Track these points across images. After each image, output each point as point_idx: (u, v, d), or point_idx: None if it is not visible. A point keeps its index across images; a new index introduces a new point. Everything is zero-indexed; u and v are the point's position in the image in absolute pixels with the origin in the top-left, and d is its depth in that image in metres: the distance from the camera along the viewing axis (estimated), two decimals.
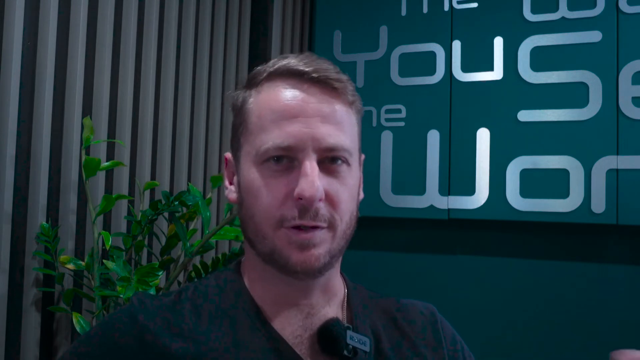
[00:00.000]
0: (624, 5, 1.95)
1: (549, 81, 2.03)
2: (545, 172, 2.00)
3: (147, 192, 1.61)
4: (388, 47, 2.25)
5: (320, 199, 0.59)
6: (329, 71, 0.61)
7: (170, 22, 1.71)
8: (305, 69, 0.61)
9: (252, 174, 0.62)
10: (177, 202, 1.30)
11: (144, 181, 1.57)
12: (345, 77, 0.63)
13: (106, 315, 1.28)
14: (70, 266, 1.25)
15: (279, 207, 0.60)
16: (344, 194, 0.61)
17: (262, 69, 0.64)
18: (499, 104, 2.08)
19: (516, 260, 2.10)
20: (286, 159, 0.60)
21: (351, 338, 0.62)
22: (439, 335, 0.71)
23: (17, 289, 1.22)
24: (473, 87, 2.12)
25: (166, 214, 1.58)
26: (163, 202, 1.30)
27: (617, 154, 1.92)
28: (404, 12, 2.25)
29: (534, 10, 2.07)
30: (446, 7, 2.19)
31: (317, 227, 0.59)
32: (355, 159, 0.64)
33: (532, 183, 2.02)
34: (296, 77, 0.61)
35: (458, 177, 2.12)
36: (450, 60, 2.16)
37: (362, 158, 0.70)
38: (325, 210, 0.60)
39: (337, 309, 0.68)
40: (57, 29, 1.31)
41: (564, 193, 1.97)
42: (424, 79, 2.19)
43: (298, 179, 0.58)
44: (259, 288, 0.66)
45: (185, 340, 0.61)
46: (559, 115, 2.00)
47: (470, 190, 2.10)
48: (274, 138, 0.60)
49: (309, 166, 0.58)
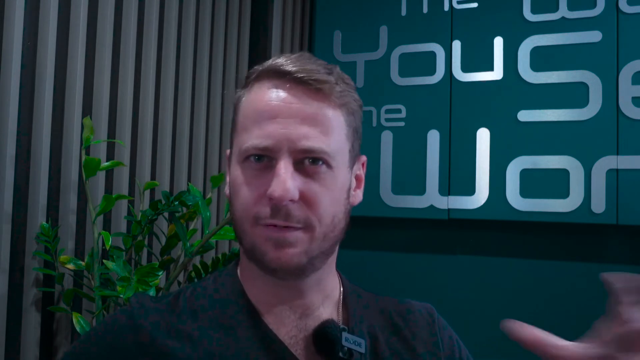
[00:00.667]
0: (624, 5, 1.95)
1: (549, 81, 2.03)
2: (545, 172, 2.00)
3: (147, 192, 1.61)
4: (388, 47, 2.25)
5: (292, 200, 0.58)
6: (314, 72, 0.60)
7: (170, 22, 1.71)
8: (290, 69, 0.60)
9: (236, 172, 0.63)
10: (177, 202, 1.30)
11: (144, 181, 1.57)
12: (334, 77, 0.62)
13: (106, 315, 1.28)
14: (70, 266, 1.25)
15: (254, 205, 0.60)
16: (323, 196, 0.60)
17: (256, 69, 0.65)
18: (499, 104, 2.08)
19: (516, 260, 2.10)
20: (266, 158, 0.60)
21: (346, 339, 0.62)
22: (436, 336, 0.71)
23: (17, 289, 1.22)
24: (473, 87, 2.12)
25: (166, 214, 1.58)
26: (163, 202, 1.30)
27: (617, 154, 1.92)
28: (404, 12, 2.25)
29: (534, 10, 2.07)
30: (446, 7, 2.19)
31: (290, 227, 0.59)
32: (341, 162, 0.62)
33: (532, 183, 2.02)
34: (280, 77, 0.61)
35: (458, 177, 2.12)
36: (450, 60, 2.16)
37: (363, 160, 0.69)
38: (300, 212, 0.59)
39: (333, 309, 0.68)
40: (57, 29, 1.31)
41: (564, 193, 1.97)
42: (424, 79, 2.19)
43: (271, 181, 0.59)
44: (254, 288, 0.66)
45: (183, 341, 0.62)
46: (559, 115, 2.00)
47: (470, 190, 2.10)
48: (252, 138, 0.60)
49: (282, 167, 0.58)
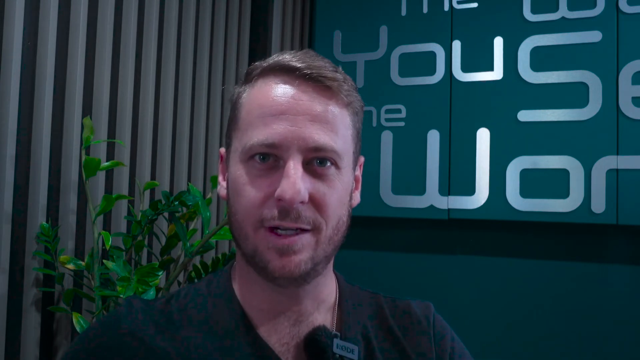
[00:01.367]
0: (624, 5, 1.95)
1: (549, 81, 2.03)
2: (545, 172, 2.00)
3: (147, 192, 1.61)
4: (388, 47, 2.25)
5: (302, 202, 0.56)
6: (323, 69, 0.59)
7: (170, 22, 1.71)
8: (298, 65, 0.59)
9: (238, 171, 0.60)
10: (177, 202, 1.30)
11: (144, 181, 1.57)
12: (341, 76, 0.61)
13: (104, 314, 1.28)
14: (70, 266, 1.25)
15: (259, 207, 0.58)
16: (331, 197, 0.59)
17: (258, 65, 0.63)
18: (499, 104, 2.08)
19: (516, 260, 2.10)
20: (272, 157, 0.58)
21: (338, 346, 0.61)
22: (429, 338, 0.69)
23: (17, 289, 1.22)
24: (473, 87, 2.12)
25: (166, 214, 1.58)
26: (163, 202, 1.30)
27: (617, 154, 1.92)
28: (404, 12, 2.25)
29: (534, 10, 2.07)
30: (446, 7, 2.19)
31: (299, 229, 0.57)
32: (347, 163, 0.61)
33: (532, 183, 2.02)
34: (288, 73, 0.59)
35: (458, 177, 2.12)
36: (450, 60, 2.16)
37: (362, 161, 0.68)
38: (309, 213, 0.58)
39: (327, 314, 0.67)
40: (57, 29, 1.31)
41: (564, 193, 1.97)
42: (424, 79, 2.19)
43: (280, 181, 0.56)
44: (247, 293, 0.65)
45: (172, 345, 0.61)
46: (559, 115, 2.01)
47: (470, 190, 2.10)
48: (258, 134, 0.58)
49: (292, 167, 0.56)
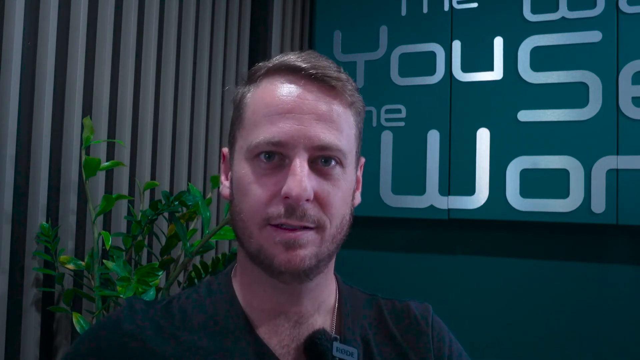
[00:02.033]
0: (624, 5, 1.95)
1: (549, 81, 2.03)
2: (545, 172, 2.00)
3: (147, 192, 1.61)
4: (388, 47, 2.25)
5: (307, 199, 0.57)
6: (327, 69, 0.60)
7: (170, 22, 1.71)
8: (304, 65, 0.60)
9: (243, 170, 0.60)
10: (177, 202, 1.30)
11: (144, 181, 1.57)
12: (345, 76, 0.61)
13: (106, 315, 1.28)
14: (70, 266, 1.25)
15: (265, 205, 0.58)
16: (335, 196, 0.60)
17: (263, 65, 0.63)
18: (499, 104, 2.08)
19: (516, 260, 2.10)
20: (277, 156, 0.59)
21: (337, 350, 0.61)
22: (428, 340, 0.70)
23: (17, 289, 1.22)
24: (473, 87, 2.12)
25: (166, 214, 1.58)
26: (163, 202, 1.30)
27: (617, 154, 1.92)
28: (404, 12, 2.25)
29: (534, 10, 2.07)
30: (446, 7, 2.19)
31: (304, 227, 0.58)
32: (350, 162, 0.62)
33: (532, 183, 2.02)
34: (293, 73, 0.60)
35: (458, 177, 2.12)
36: (450, 60, 2.16)
37: (362, 161, 0.69)
38: (314, 211, 0.58)
39: (327, 316, 0.67)
40: (57, 29, 1.31)
41: (564, 193, 1.97)
42: (424, 79, 2.19)
43: (286, 178, 0.57)
44: (248, 294, 0.65)
45: (172, 347, 0.61)
46: (559, 115, 2.00)
47: (470, 190, 2.10)
48: (265, 133, 0.58)
49: (298, 165, 0.57)
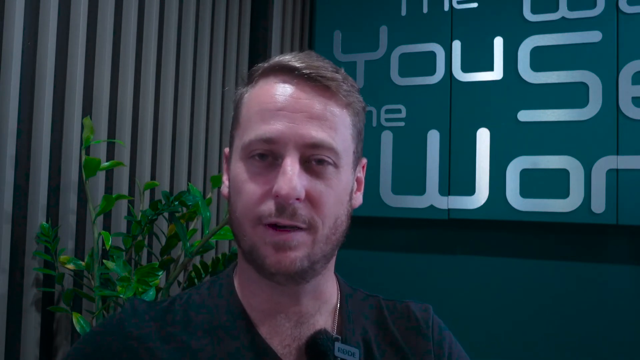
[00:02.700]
0: (624, 5, 1.95)
1: (549, 81, 2.03)
2: (545, 172, 2.00)
3: (147, 192, 1.61)
4: (388, 47, 2.25)
5: (298, 199, 0.57)
6: (322, 69, 0.60)
7: (170, 22, 1.71)
8: (297, 65, 0.60)
9: (238, 169, 0.61)
10: (177, 202, 1.30)
11: (144, 181, 1.57)
12: (341, 76, 0.61)
13: (106, 315, 1.28)
14: (70, 266, 1.25)
15: (257, 204, 0.58)
16: (328, 196, 0.59)
17: (260, 66, 0.64)
18: (499, 104, 2.08)
19: (516, 260, 2.10)
20: (270, 156, 0.59)
21: (339, 350, 0.61)
22: (429, 341, 0.70)
23: (17, 289, 1.22)
24: (473, 87, 2.12)
25: (166, 214, 1.58)
26: (163, 202, 1.30)
27: (617, 154, 1.92)
28: (404, 12, 2.25)
29: (534, 10, 2.07)
30: (446, 7, 2.19)
31: (294, 227, 0.58)
32: (346, 162, 0.62)
33: (532, 183, 2.01)
34: (288, 73, 0.60)
35: (458, 177, 2.12)
36: (450, 60, 2.16)
37: (364, 162, 0.68)
38: (305, 211, 0.58)
39: (328, 317, 0.67)
40: (57, 29, 1.31)
41: (564, 193, 1.97)
42: (424, 79, 2.19)
43: (278, 178, 0.57)
44: (248, 293, 0.65)
45: (173, 348, 0.61)
46: (559, 115, 2.00)
47: (470, 190, 2.10)
48: (256, 130, 0.59)
49: (289, 164, 0.57)
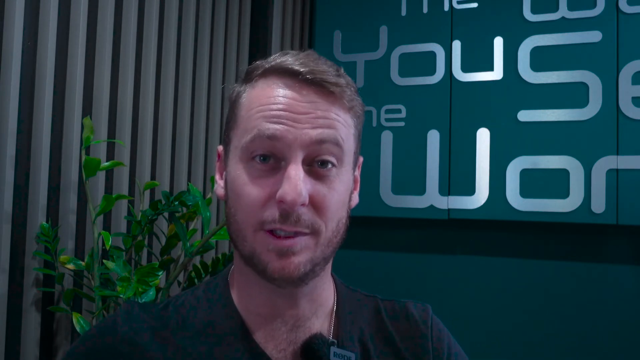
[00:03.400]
0: (624, 5, 1.95)
1: (549, 81, 2.03)
2: (545, 172, 2.00)
3: (147, 192, 1.61)
4: (388, 47, 2.25)
5: (303, 204, 0.56)
6: (326, 73, 0.59)
7: (170, 22, 1.71)
8: (301, 69, 0.58)
9: (238, 171, 0.59)
10: (177, 202, 1.30)
11: (144, 181, 1.57)
12: (344, 80, 0.60)
13: (106, 315, 1.28)
14: (70, 266, 1.25)
15: (260, 209, 0.57)
16: (331, 199, 0.58)
17: (260, 64, 0.62)
18: (499, 104, 2.08)
19: (516, 260, 2.10)
20: (272, 158, 0.57)
21: (335, 354, 0.60)
22: (427, 342, 0.69)
23: (17, 289, 1.22)
24: (473, 87, 2.12)
25: (166, 214, 1.58)
26: (163, 202, 1.30)
27: (617, 154, 1.92)
28: (404, 12, 2.25)
29: (534, 10, 2.07)
30: (446, 7, 2.19)
31: (298, 232, 0.57)
32: (348, 161, 0.61)
33: (532, 183, 2.02)
34: (291, 76, 0.59)
35: (458, 177, 2.12)
36: (450, 60, 2.16)
37: (360, 161, 0.68)
38: (309, 216, 0.57)
39: (324, 320, 0.66)
40: (57, 29, 1.31)
41: (564, 193, 1.97)
42: (424, 79, 2.19)
43: (282, 181, 0.56)
44: (244, 296, 0.64)
45: (167, 352, 0.61)
46: (559, 115, 2.01)
47: (470, 190, 2.10)
48: (259, 127, 0.57)
49: (294, 168, 0.56)
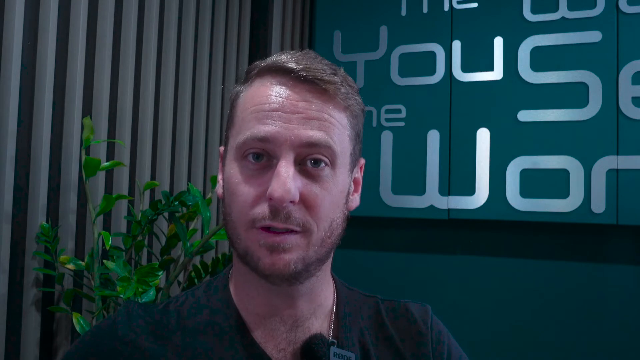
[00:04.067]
0: (624, 5, 1.95)
1: (549, 81, 2.03)
2: (545, 172, 2.00)
3: (147, 192, 1.61)
4: (388, 47, 2.25)
5: (292, 201, 0.56)
6: (320, 71, 0.59)
7: (170, 22, 1.71)
8: (295, 67, 0.58)
9: (232, 170, 0.60)
10: (177, 202, 1.30)
11: (144, 181, 1.57)
12: (339, 79, 0.60)
13: (106, 315, 1.28)
14: (70, 266, 1.25)
15: (252, 207, 0.57)
16: (323, 199, 0.58)
17: (257, 64, 0.63)
18: (499, 104, 2.08)
19: (516, 260, 2.10)
20: (265, 157, 0.58)
21: (335, 355, 0.61)
22: (427, 342, 0.69)
23: (17, 289, 1.22)
24: (473, 87, 2.12)
25: (166, 214, 1.58)
26: (163, 202, 1.30)
27: (617, 154, 1.92)
28: (404, 12, 2.25)
29: (534, 10, 2.07)
30: (446, 7, 2.19)
31: (288, 230, 0.57)
32: (343, 163, 0.61)
33: (532, 183, 2.02)
34: (285, 74, 0.59)
35: (458, 177, 2.12)
36: (450, 60, 2.16)
37: (362, 163, 0.68)
38: (299, 214, 0.57)
39: (324, 320, 0.66)
40: (57, 29, 1.31)
41: (564, 193, 1.97)
42: (424, 79, 2.19)
43: (272, 181, 0.56)
44: (244, 296, 0.64)
45: (167, 352, 0.61)
46: (559, 115, 2.00)
47: (470, 190, 2.10)
48: (252, 129, 0.58)
49: (283, 165, 0.56)
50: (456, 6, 2.17)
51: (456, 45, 2.16)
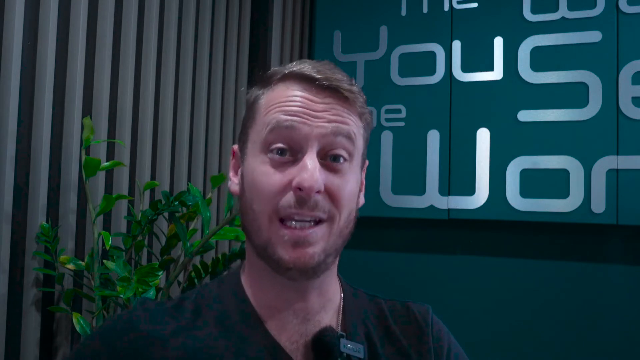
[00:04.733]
0: (624, 5, 1.95)
1: (549, 81, 2.03)
2: (545, 172, 2.00)
3: (147, 192, 1.61)
4: (388, 47, 2.25)
5: (318, 191, 0.59)
6: (341, 81, 0.63)
7: (170, 22, 1.71)
8: (318, 75, 0.63)
9: (256, 163, 0.63)
10: (177, 202, 1.30)
11: (144, 181, 1.57)
12: (357, 89, 0.65)
13: (107, 315, 1.28)
14: (70, 266, 1.25)
15: (277, 196, 0.60)
16: (344, 189, 0.62)
17: (278, 70, 0.66)
18: (499, 104, 2.08)
19: (516, 260, 2.10)
20: (289, 152, 0.61)
21: (345, 346, 0.63)
22: (428, 341, 0.71)
23: (17, 289, 1.22)
24: (473, 87, 2.12)
25: (166, 214, 1.58)
26: (163, 202, 1.30)
27: (617, 154, 1.92)
28: (404, 12, 2.25)
29: (534, 10, 2.07)
30: (446, 7, 2.19)
31: (315, 219, 0.60)
32: (357, 161, 0.65)
33: (532, 183, 2.02)
34: (308, 81, 0.63)
35: (458, 177, 2.12)
36: (450, 60, 2.16)
37: (366, 164, 0.71)
38: (324, 203, 0.61)
39: (333, 314, 0.69)
40: (57, 29, 1.31)
41: (564, 193, 1.97)
42: (424, 79, 2.19)
43: (298, 171, 0.59)
44: (257, 290, 0.67)
45: (184, 346, 0.62)
46: (559, 115, 2.01)
47: (470, 190, 2.10)
48: (278, 118, 0.61)
49: (310, 158, 0.60)
50: (456, 6, 2.17)
51: (456, 45, 2.16)
